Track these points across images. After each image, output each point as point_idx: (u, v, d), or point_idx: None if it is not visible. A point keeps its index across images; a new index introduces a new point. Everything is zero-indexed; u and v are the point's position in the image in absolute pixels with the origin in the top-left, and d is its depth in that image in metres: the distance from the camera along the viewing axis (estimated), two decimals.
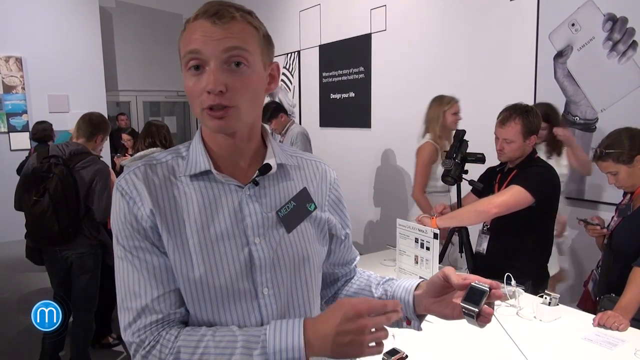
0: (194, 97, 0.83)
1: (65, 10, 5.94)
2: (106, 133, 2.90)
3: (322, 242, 0.98)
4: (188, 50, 0.81)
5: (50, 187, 2.54)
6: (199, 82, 0.81)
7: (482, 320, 0.85)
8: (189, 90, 0.83)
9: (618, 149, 1.97)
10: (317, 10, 5.17)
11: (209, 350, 0.80)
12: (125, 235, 0.85)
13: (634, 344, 1.64)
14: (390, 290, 1.01)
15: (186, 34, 0.83)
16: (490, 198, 2.22)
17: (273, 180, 0.92)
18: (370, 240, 4.78)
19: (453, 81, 3.75)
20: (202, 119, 0.84)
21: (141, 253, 0.84)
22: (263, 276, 0.88)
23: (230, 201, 0.88)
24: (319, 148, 4.75)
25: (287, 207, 0.91)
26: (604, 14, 2.81)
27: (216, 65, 0.80)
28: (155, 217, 0.84)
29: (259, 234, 0.88)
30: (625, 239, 1.99)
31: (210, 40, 0.80)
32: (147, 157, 0.91)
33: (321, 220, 0.97)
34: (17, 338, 3.44)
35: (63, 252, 2.69)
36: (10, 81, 5.64)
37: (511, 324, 1.84)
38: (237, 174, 0.90)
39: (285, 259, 0.90)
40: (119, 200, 0.86)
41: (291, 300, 0.91)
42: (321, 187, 0.99)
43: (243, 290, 0.86)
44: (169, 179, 0.88)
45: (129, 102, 7.31)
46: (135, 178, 0.86)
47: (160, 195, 0.86)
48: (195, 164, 0.88)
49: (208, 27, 0.80)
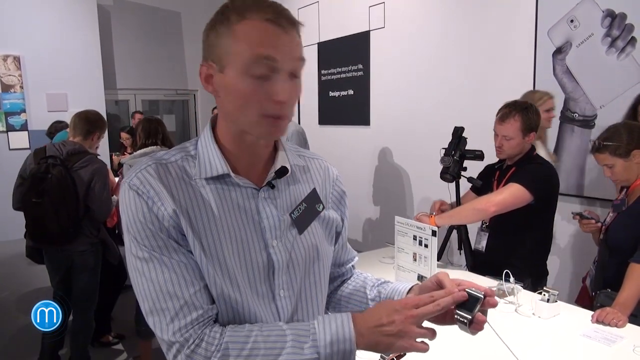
0: (253, 101, 0.79)
1: (63, 9, 5.92)
2: (103, 130, 2.89)
3: (329, 241, 0.99)
4: (263, 54, 0.77)
5: (48, 189, 2.53)
6: (262, 87, 0.79)
7: (474, 328, 0.83)
8: (247, 93, 0.79)
9: (616, 142, 1.98)
10: (315, 8, 5.16)
11: (258, 345, 0.78)
12: (147, 236, 0.81)
13: (632, 340, 1.64)
14: (384, 292, 1.01)
15: (253, 33, 0.78)
16: (489, 196, 2.22)
17: (285, 182, 0.92)
18: (369, 237, 4.79)
19: (452, 78, 3.75)
20: (257, 125, 0.81)
21: (167, 252, 0.81)
22: (280, 279, 0.88)
23: (248, 204, 0.87)
24: (318, 146, 4.74)
25: (299, 208, 0.92)
26: (603, 10, 2.80)
27: (287, 75, 0.80)
28: (178, 217, 0.81)
29: (276, 236, 0.88)
30: (620, 235, 2.00)
31: (284, 48, 0.79)
32: (153, 156, 0.88)
33: (329, 219, 0.98)
34: (17, 337, 3.44)
35: (64, 250, 2.69)
36: (8, 80, 5.62)
37: (510, 321, 1.84)
38: (252, 176, 0.89)
39: (298, 261, 0.90)
40: (134, 200, 0.81)
41: (301, 300, 0.92)
42: (325, 184, 1.00)
43: (262, 293, 0.87)
44: (182, 179, 0.85)
45: (127, 101, 7.29)
46: (149, 176, 0.83)
47: (180, 195, 0.83)
48: (210, 165, 0.86)
49: (280, 33, 0.79)
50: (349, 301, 1.06)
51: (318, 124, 5.28)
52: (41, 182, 2.56)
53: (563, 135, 3.07)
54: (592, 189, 2.95)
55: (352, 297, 1.06)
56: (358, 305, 1.05)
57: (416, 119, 4.10)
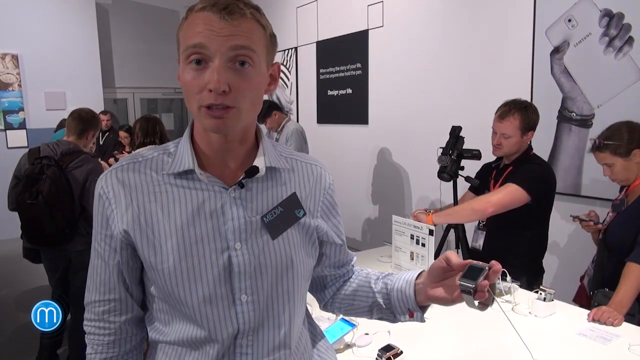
0: (192, 93, 0.79)
1: (61, 7, 5.92)
2: (97, 129, 2.87)
3: (309, 250, 0.94)
4: (191, 43, 0.77)
5: (43, 190, 2.52)
6: (199, 77, 0.77)
7: (478, 297, 0.82)
8: (187, 84, 0.79)
9: (616, 141, 1.97)
10: (314, 7, 5.16)
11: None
12: (97, 232, 0.89)
13: (628, 339, 1.65)
14: (390, 284, 0.99)
15: (189, 24, 0.79)
16: (487, 196, 2.22)
17: (262, 184, 0.89)
18: (367, 237, 4.79)
19: (450, 77, 3.76)
20: (198, 117, 0.80)
21: (106, 253, 0.88)
22: (242, 283, 0.85)
23: (213, 203, 0.85)
24: (316, 145, 4.75)
25: (273, 212, 0.88)
26: (601, 10, 2.81)
27: (221, 63, 0.76)
28: (124, 222, 0.85)
29: (240, 238, 0.85)
30: (619, 235, 2.00)
31: (216, 35, 0.76)
32: (134, 154, 0.90)
33: (310, 227, 0.93)
34: (15, 335, 3.44)
35: (61, 250, 2.69)
36: (6, 78, 5.62)
37: (506, 320, 1.84)
38: (225, 175, 0.87)
39: (267, 266, 0.87)
40: (96, 197, 0.87)
41: (270, 309, 0.88)
42: (314, 191, 0.95)
43: (220, 296, 0.84)
44: (150, 176, 0.86)
45: (126, 99, 7.29)
46: (115, 178, 0.86)
47: (139, 194, 0.85)
48: (180, 161, 0.86)
49: (216, 21, 0.76)
50: (355, 298, 1.04)
51: (317, 122, 5.28)
52: (36, 182, 2.54)
53: (561, 134, 3.08)
54: (590, 188, 2.96)
55: (357, 293, 1.04)
56: (364, 300, 1.03)
57: (414, 118, 4.11)
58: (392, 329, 1.64)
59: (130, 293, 0.90)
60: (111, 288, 0.89)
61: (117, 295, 0.89)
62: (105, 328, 0.91)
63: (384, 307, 0.99)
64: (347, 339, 1.62)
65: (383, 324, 1.60)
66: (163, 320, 0.89)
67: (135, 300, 0.92)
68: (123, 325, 0.91)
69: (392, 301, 0.98)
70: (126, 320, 0.91)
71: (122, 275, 0.89)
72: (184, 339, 0.87)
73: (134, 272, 0.90)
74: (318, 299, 1.11)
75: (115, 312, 0.90)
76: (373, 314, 1.03)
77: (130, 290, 0.90)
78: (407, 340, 1.59)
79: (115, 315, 0.90)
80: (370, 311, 1.03)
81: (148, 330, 0.94)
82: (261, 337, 0.88)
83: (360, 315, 1.07)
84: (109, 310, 0.90)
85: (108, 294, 0.89)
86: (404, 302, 0.96)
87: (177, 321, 0.87)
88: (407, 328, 1.01)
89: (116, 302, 0.90)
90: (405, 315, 0.97)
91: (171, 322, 0.88)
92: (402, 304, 0.96)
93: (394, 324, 1.03)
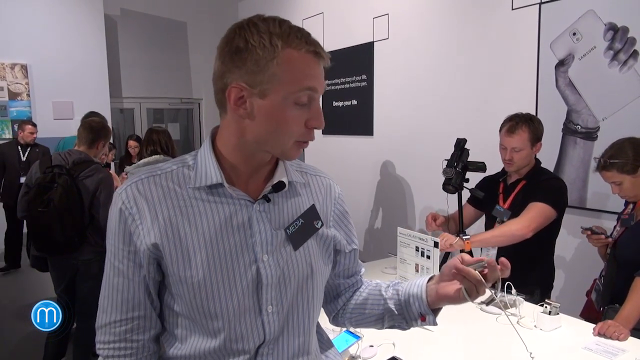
0: (291, 127, 0.84)
1: (70, 18, 5.99)
2: (107, 139, 2.91)
3: (326, 259, 0.98)
4: (310, 86, 0.83)
5: (54, 198, 2.55)
6: (301, 114, 0.84)
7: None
8: (291, 119, 0.83)
9: (622, 159, 1.96)
10: (320, 19, 5.21)
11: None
12: (118, 249, 0.87)
13: (634, 353, 1.64)
14: (401, 289, 1.01)
15: (302, 64, 0.82)
16: (522, 221, 2.16)
17: (282, 197, 0.92)
18: (371, 248, 4.78)
19: (454, 89, 3.77)
20: (289, 149, 0.86)
21: (130, 269, 0.87)
22: (269, 294, 0.88)
23: (240, 216, 0.87)
24: (321, 155, 4.76)
25: (295, 224, 0.91)
26: (605, 24, 2.82)
27: (319, 104, 0.86)
28: (152, 236, 0.84)
29: (268, 251, 0.87)
30: (629, 250, 1.98)
31: (321, 78, 0.85)
32: (151, 167, 0.90)
33: (327, 237, 0.97)
34: (19, 345, 3.44)
35: (69, 259, 2.71)
36: (15, 88, 5.68)
37: (512, 333, 1.83)
38: (249, 188, 0.90)
39: (291, 277, 0.89)
40: (116, 213, 0.86)
41: (291, 318, 0.91)
42: (326, 202, 0.99)
43: (248, 307, 0.86)
44: (173, 190, 0.86)
45: (132, 109, 7.34)
46: (137, 192, 0.85)
47: (164, 208, 0.85)
48: (205, 175, 0.86)
49: (319, 65, 0.84)
50: (365, 306, 1.06)
51: (322, 133, 5.30)
52: (47, 191, 2.57)
53: (566, 147, 3.08)
54: (595, 201, 2.95)
55: (368, 302, 1.06)
56: (375, 308, 1.04)
57: (419, 129, 4.12)
58: (397, 341, 1.63)
59: (154, 307, 0.90)
60: (135, 305, 0.87)
61: (142, 312, 0.88)
62: (127, 348, 0.88)
63: (396, 313, 1.01)
64: (352, 350, 1.62)
65: (388, 336, 1.61)
66: (179, 336, 0.89)
67: (158, 316, 0.91)
68: (146, 343, 0.90)
69: (403, 306, 0.99)
70: (149, 338, 0.90)
71: (149, 289, 0.88)
72: (202, 352, 0.87)
73: (157, 286, 0.90)
74: (328, 311, 1.12)
75: (139, 329, 0.88)
76: (385, 322, 1.04)
77: (154, 304, 0.90)
78: (411, 352, 1.58)
79: (139, 333, 0.88)
80: (382, 319, 1.04)
81: (163, 346, 0.93)
82: (281, 345, 0.90)
83: (371, 326, 1.08)
84: (132, 329, 0.88)
85: (132, 312, 0.87)
86: (416, 306, 0.97)
87: (195, 335, 0.88)
88: (412, 340, 1.02)
89: (140, 320, 0.88)
90: (417, 320, 0.99)
91: (189, 337, 0.88)
92: (414, 308, 0.98)
93: (399, 335, 1.03)
